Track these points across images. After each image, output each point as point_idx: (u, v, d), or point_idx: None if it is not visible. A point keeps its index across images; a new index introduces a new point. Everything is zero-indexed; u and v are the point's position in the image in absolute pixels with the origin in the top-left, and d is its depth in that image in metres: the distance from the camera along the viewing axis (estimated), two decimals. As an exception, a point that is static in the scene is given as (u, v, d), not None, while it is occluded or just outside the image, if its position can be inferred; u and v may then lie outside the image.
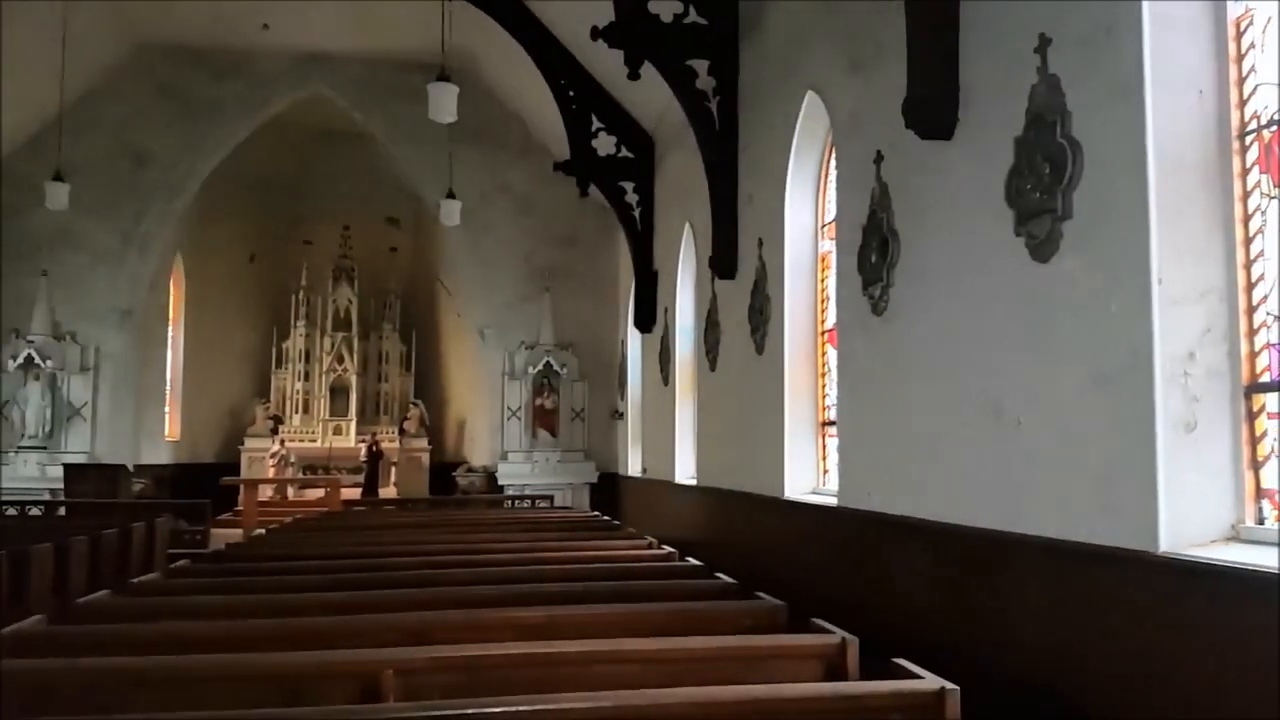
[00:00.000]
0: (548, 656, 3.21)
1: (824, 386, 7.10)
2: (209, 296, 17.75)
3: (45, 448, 13.38)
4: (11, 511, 11.65)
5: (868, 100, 5.81)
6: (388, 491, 16.40)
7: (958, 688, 2.85)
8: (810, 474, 7.07)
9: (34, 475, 13.16)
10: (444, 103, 8.65)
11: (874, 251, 5.53)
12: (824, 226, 7.22)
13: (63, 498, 12.31)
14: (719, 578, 5.10)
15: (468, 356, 17.07)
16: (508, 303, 14.91)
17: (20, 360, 13.38)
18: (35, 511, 11.73)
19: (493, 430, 14.89)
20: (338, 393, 17.86)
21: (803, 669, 3.36)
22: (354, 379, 17.84)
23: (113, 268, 14.01)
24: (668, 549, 6.57)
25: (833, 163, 6.89)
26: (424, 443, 17.71)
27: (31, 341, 13.44)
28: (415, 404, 18.09)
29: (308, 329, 17.96)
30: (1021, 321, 4.18)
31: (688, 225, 10.27)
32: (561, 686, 3.02)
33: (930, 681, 2.89)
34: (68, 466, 12.75)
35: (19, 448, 13.32)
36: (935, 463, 4.90)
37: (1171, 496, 3.35)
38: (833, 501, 6.28)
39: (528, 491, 13.82)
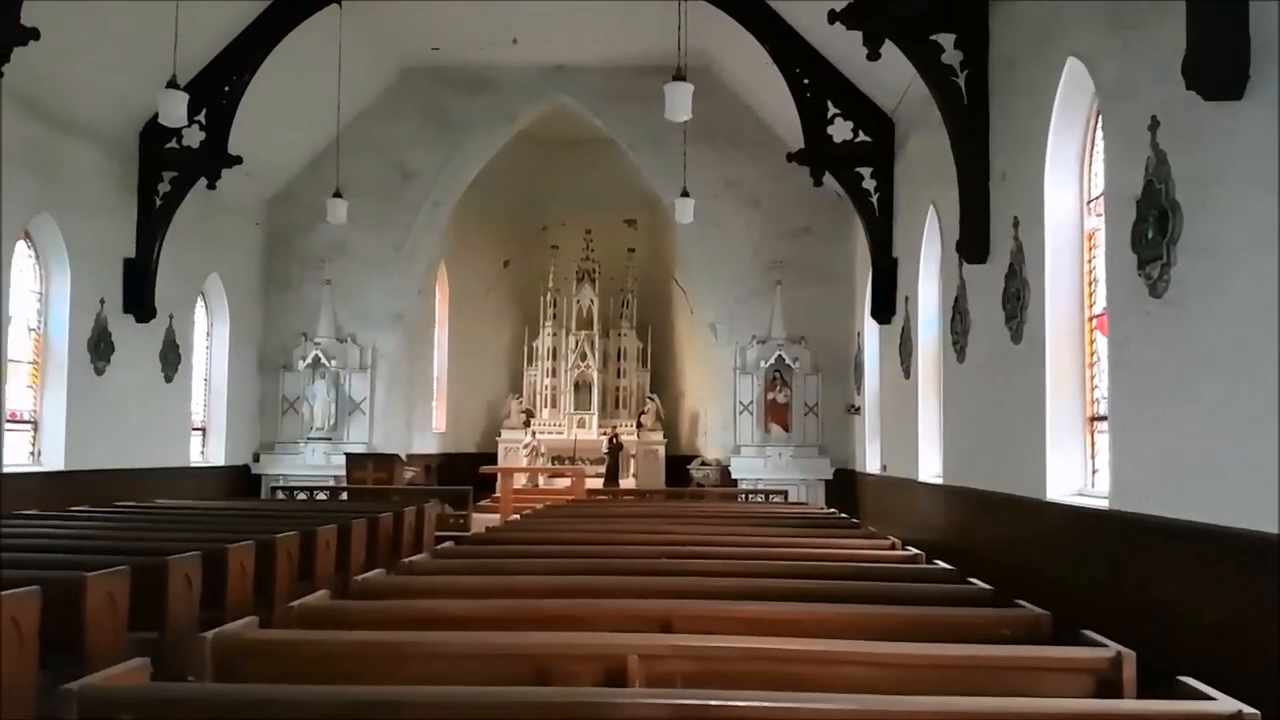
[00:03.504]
0: (791, 653, 3.14)
1: (1092, 378, 6.49)
2: (469, 300, 19.13)
3: (330, 439, 14.91)
4: (301, 496, 13.13)
5: (1139, 62, 5.27)
6: (627, 482, 16.91)
7: (1258, 712, 2.50)
8: (1077, 474, 6.48)
9: (321, 463, 14.70)
10: (679, 102, 8.74)
11: (1151, 227, 4.98)
12: (1090, 202, 6.61)
13: (345, 484, 13.71)
14: (972, 583, 4.81)
15: (700, 352, 17.27)
16: (738, 297, 14.90)
17: (309, 360, 15.00)
18: (321, 496, 13.13)
19: (725, 424, 14.93)
20: (581, 388, 18.63)
21: (1071, 684, 3.09)
22: (595, 375, 18.54)
23: (385, 275, 15.39)
24: (913, 550, 6.29)
25: (1099, 132, 6.31)
26: (659, 436, 18.12)
27: (318, 343, 15.03)
28: (651, 398, 18.54)
29: (555, 328, 18.88)
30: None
31: (932, 208, 9.78)
32: (803, 685, 2.94)
33: (1224, 704, 2.56)
34: (349, 455, 14.12)
35: (308, 438, 14.92)
36: (1225, 461, 4.34)
37: None
38: (1103, 504, 5.73)
39: (761, 486, 13.74)
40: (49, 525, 7.63)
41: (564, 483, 16.27)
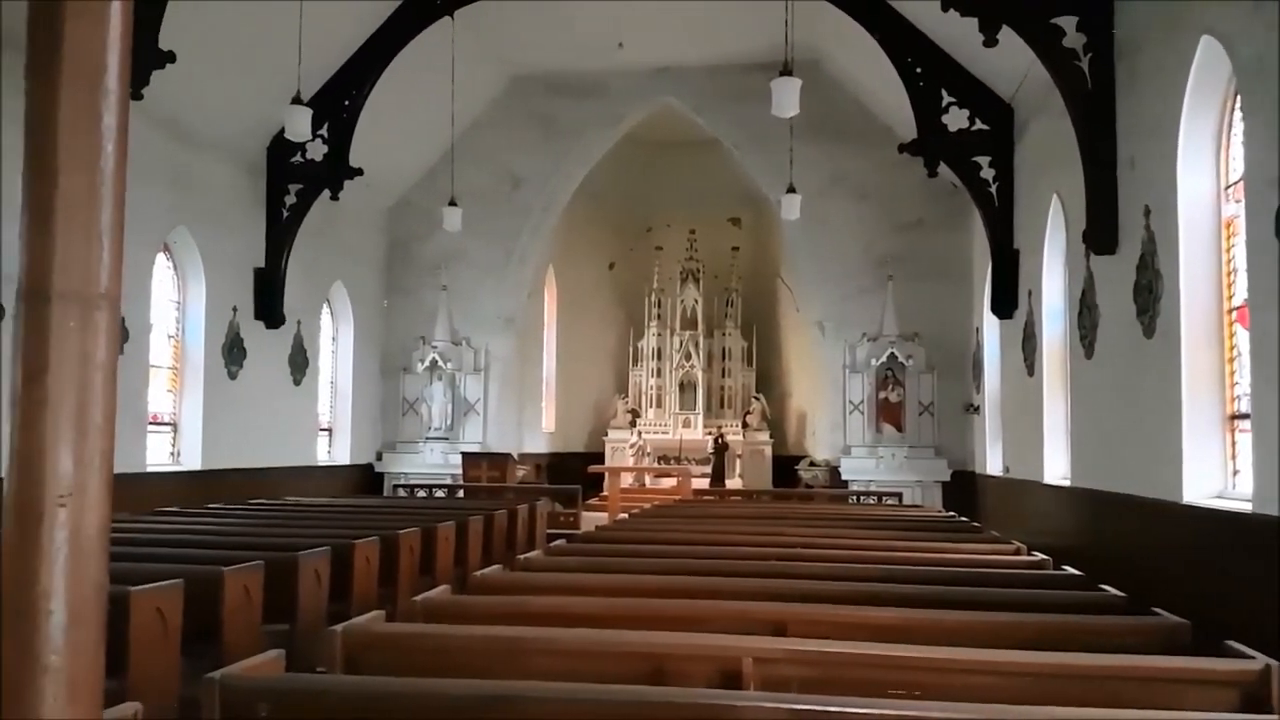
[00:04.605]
0: (911, 660, 3.06)
1: (1232, 373, 6.12)
2: (576, 302, 19.41)
3: (447, 438, 15.38)
4: (421, 493, 13.58)
5: (1282, 37, 4.94)
6: (733, 483, 16.82)
7: None
8: (1216, 475, 6.12)
9: (438, 462, 15.17)
10: (787, 97, 8.66)
11: (1298, 212, 4.66)
12: (1227, 188, 6.23)
13: (461, 482, 14.10)
14: (1103, 590, 4.59)
15: (807, 350, 17.03)
16: (847, 294, 14.63)
17: (427, 363, 15.52)
18: (440, 493, 13.55)
19: (834, 424, 14.68)
20: (686, 388, 18.63)
21: (1214, 698, 2.92)
22: (700, 375, 18.51)
23: (497, 280, 15.77)
24: (1039, 556, 6.05)
25: (1236, 114, 5.95)
26: (765, 436, 17.95)
27: (435, 346, 15.52)
28: (757, 398, 18.39)
29: (659, 329, 18.95)
30: None
31: (1055, 197, 9.39)
32: (925, 694, 2.86)
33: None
34: (465, 454, 14.53)
35: (427, 438, 15.44)
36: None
37: None
38: (1246, 506, 5.40)
39: (873, 488, 13.45)
40: (189, 521, 8.10)
41: (670, 482, 16.30)
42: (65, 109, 0.88)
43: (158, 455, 11.19)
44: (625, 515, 9.89)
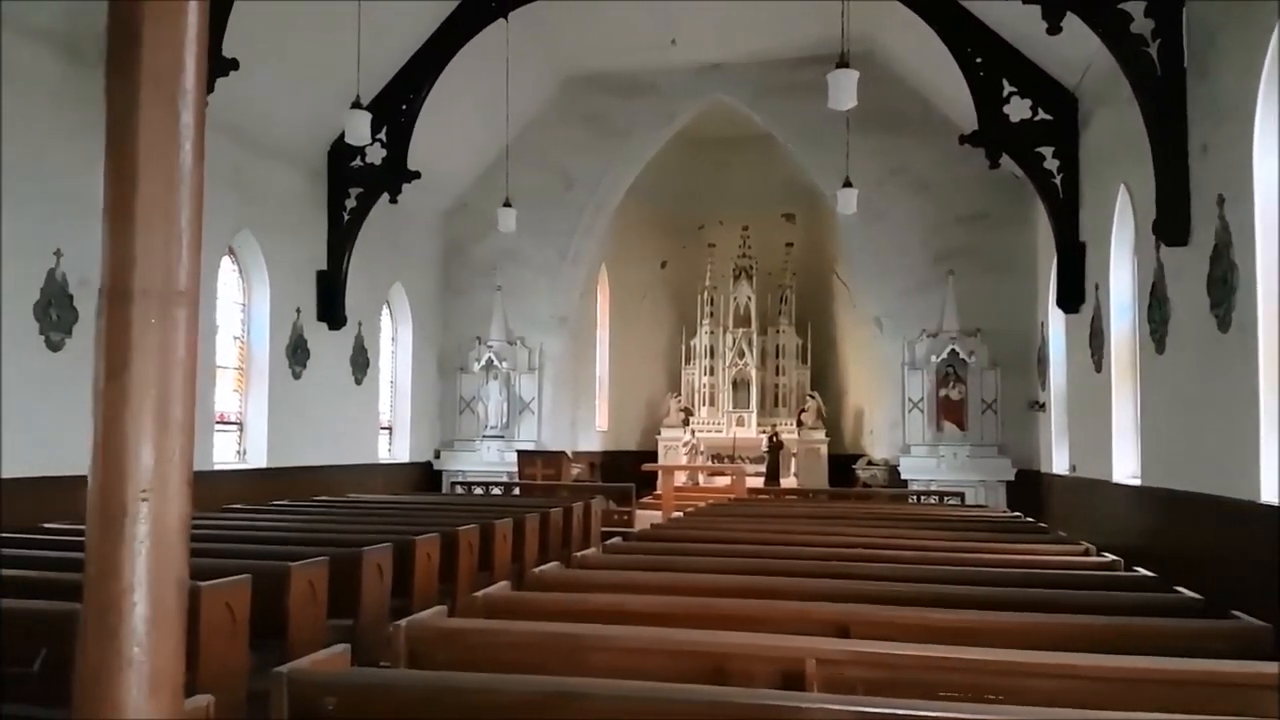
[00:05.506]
0: (979, 663, 2.98)
1: (1314, 368, 5.88)
2: (629, 301, 19.44)
3: (503, 436, 15.53)
4: (478, 491, 13.73)
5: (1369, 14, 4.72)
6: (789, 481, 16.69)
7: None
8: (1296, 474, 5.90)
9: (495, 460, 15.33)
10: (844, 90, 8.54)
11: (1387, 199, 4.45)
12: (1307, 175, 5.99)
13: (517, 479, 14.22)
14: (1179, 592, 4.45)
15: (864, 347, 16.82)
16: (905, 290, 14.41)
17: (483, 362, 15.69)
18: (496, 491, 13.68)
19: (892, 423, 14.46)
20: (739, 386, 18.54)
21: (1296, 705, 2.79)
22: (754, 373, 18.40)
23: (550, 280, 15.87)
24: (1110, 557, 5.89)
25: (1318, 97, 5.72)
26: (821, 434, 17.77)
27: (491, 346, 15.69)
28: (812, 396, 18.21)
29: (712, 327, 18.90)
30: None
31: (1123, 188, 9.13)
32: (993, 697, 2.78)
33: None
34: (520, 452, 14.67)
35: (483, 436, 15.61)
36: None
37: None
38: (1330, 507, 5.18)
39: (934, 487, 13.22)
40: (255, 518, 8.29)
41: (724, 481, 16.23)
42: (145, 109, 0.89)
43: (224, 454, 11.47)
44: (679, 514, 9.87)
